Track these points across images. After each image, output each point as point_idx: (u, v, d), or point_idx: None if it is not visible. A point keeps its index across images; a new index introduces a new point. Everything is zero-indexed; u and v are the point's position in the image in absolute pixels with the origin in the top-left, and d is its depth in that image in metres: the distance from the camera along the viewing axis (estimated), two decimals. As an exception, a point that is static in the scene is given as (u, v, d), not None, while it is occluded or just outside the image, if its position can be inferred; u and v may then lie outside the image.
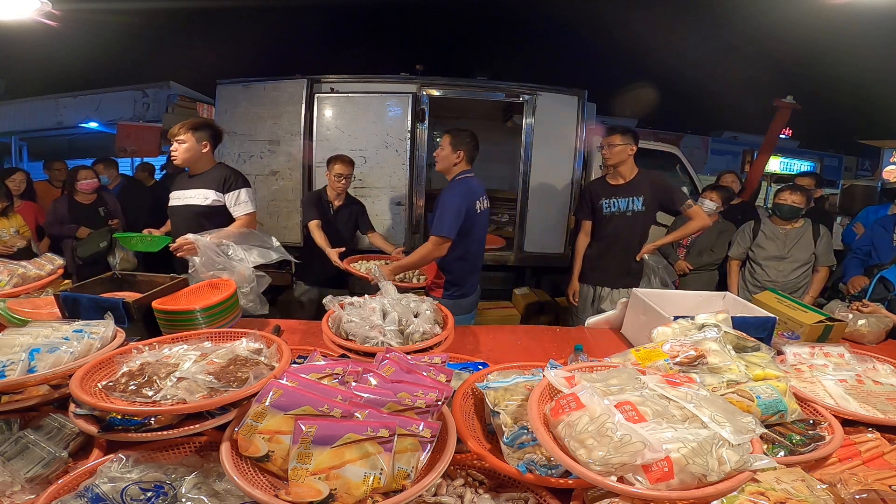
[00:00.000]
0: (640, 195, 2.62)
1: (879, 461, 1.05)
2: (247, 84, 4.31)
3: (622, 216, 2.67)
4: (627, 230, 2.68)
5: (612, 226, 2.71)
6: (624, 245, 2.70)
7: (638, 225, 2.67)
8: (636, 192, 2.64)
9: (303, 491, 0.76)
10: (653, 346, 1.31)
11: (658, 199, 2.64)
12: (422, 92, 4.20)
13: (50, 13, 2.89)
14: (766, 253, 3.02)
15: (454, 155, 2.31)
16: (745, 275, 3.16)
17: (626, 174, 2.67)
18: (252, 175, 4.34)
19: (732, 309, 1.87)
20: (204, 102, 7.21)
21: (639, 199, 2.63)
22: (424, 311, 1.52)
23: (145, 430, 0.96)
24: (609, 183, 2.73)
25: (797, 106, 5.04)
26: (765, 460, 0.80)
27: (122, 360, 1.14)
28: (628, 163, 2.65)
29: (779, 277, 2.98)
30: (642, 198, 2.62)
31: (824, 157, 12.47)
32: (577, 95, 4.30)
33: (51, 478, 0.92)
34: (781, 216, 2.98)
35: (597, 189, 2.79)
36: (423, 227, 4.51)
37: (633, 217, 2.65)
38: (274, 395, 0.86)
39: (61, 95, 8.38)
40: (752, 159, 6.41)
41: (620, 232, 2.69)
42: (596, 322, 2.06)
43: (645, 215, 2.65)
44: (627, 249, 2.71)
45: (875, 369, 1.43)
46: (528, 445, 0.93)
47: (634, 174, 2.66)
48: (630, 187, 2.65)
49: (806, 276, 2.99)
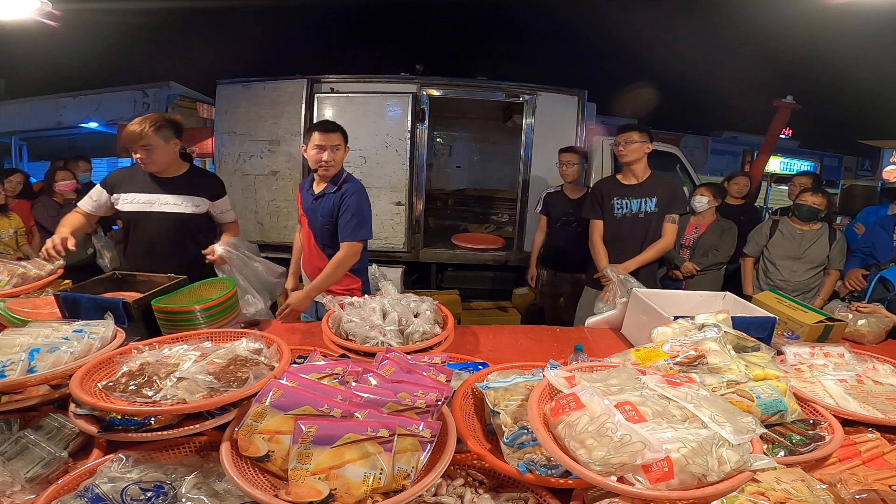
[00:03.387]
0: (654, 196, 2.54)
1: (879, 461, 1.05)
2: (247, 84, 4.32)
3: (634, 218, 2.57)
4: (641, 232, 2.57)
5: (625, 228, 2.59)
6: (637, 249, 2.57)
7: (651, 226, 2.56)
8: (650, 192, 2.55)
9: (303, 491, 0.76)
10: (653, 346, 1.31)
11: (667, 201, 2.55)
12: (422, 92, 4.20)
13: (50, 13, 2.90)
14: (781, 252, 3.03)
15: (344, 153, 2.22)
16: (757, 273, 3.18)
17: (639, 174, 2.57)
18: (252, 175, 4.37)
19: (732, 309, 1.87)
20: (204, 102, 7.21)
21: (652, 201, 2.54)
22: (424, 311, 1.52)
23: (145, 430, 0.96)
24: (621, 182, 2.63)
25: (797, 106, 5.04)
26: (765, 460, 0.80)
27: (122, 360, 1.14)
28: (643, 162, 2.56)
29: (792, 277, 3.00)
30: (656, 199, 2.54)
31: (824, 157, 12.46)
32: (577, 95, 4.31)
33: (51, 478, 0.92)
34: (801, 217, 2.99)
35: (608, 188, 2.66)
36: (424, 226, 4.52)
37: (647, 218, 2.56)
38: (274, 395, 0.86)
39: (61, 95, 8.37)
40: (752, 159, 6.42)
41: (634, 234, 2.58)
42: (596, 322, 2.06)
43: (658, 217, 2.55)
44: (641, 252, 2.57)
45: (875, 369, 1.42)
46: (528, 445, 0.93)
47: (648, 175, 2.58)
48: (643, 188, 2.56)
49: (818, 277, 3.01)
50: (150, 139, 2.00)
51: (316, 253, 2.27)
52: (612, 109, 9.64)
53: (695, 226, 3.43)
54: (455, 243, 4.69)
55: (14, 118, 8.83)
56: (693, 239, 3.40)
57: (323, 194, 2.20)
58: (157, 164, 2.07)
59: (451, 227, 5.40)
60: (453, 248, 4.63)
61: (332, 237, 2.20)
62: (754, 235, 3.19)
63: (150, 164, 2.06)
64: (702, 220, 3.41)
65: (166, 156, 2.08)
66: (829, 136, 12.32)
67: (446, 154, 6.46)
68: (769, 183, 9.04)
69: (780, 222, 3.11)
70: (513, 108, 4.91)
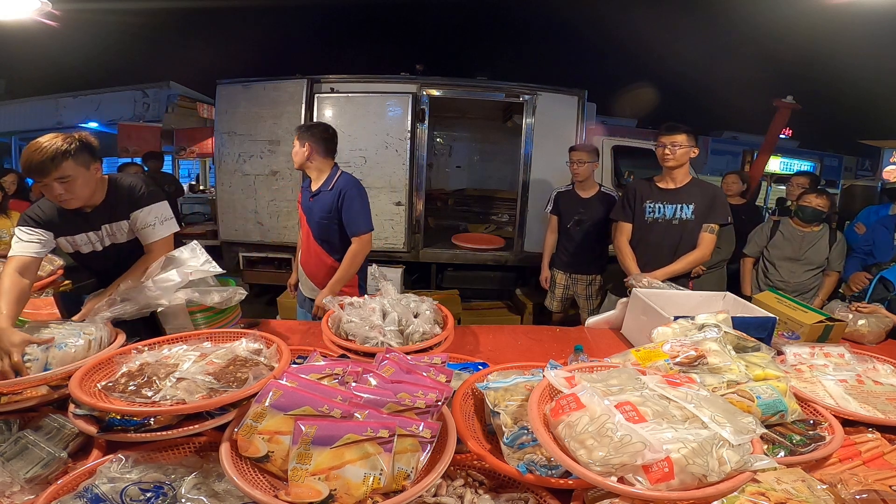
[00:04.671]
0: (692, 202, 2.35)
1: (879, 461, 1.05)
2: (247, 84, 4.32)
3: (667, 224, 2.40)
4: (673, 240, 2.39)
5: (655, 234, 2.42)
6: (667, 257, 2.39)
7: (685, 235, 2.38)
8: (687, 198, 2.36)
9: (302, 491, 0.76)
10: (653, 346, 1.31)
11: (706, 209, 2.36)
12: (422, 92, 4.20)
13: (50, 13, 2.89)
14: (781, 253, 3.03)
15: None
16: (756, 273, 3.18)
17: (678, 178, 2.39)
18: (252, 175, 4.37)
19: (732, 309, 1.87)
20: (204, 102, 7.22)
21: (689, 207, 2.36)
22: (424, 312, 1.52)
23: (145, 431, 0.96)
24: (657, 186, 2.44)
25: (797, 106, 5.04)
26: (765, 460, 0.80)
27: (121, 360, 1.14)
28: (686, 167, 2.38)
29: (791, 278, 3.00)
30: (693, 206, 2.35)
31: (824, 157, 12.46)
32: (577, 95, 4.30)
33: (50, 478, 0.92)
34: (804, 218, 2.97)
35: (642, 190, 2.47)
36: (424, 226, 4.52)
37: (681, 225, 2.37)
38: (274, 395, 0.86)
39: (61, 95, 8.37)
40: (752, 159, 6.41)
41: (665, 241, 2.40)
42: (596, 322, 2.06)
43: (695, 224, 2.36)
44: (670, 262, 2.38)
45: (875, 369, 1.42)
46: (528, 446, 0.93)
47: (688, 180, 2.39)
48: (681, 193, 2.38)
49: (817, 279, 3.01)
50: (64, 170, 1.49)
51: (314, 250, 2.32)
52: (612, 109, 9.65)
53: None
54: (455, 243, 4.69)
55: (14, 118, 8.84)
56: None
57: (318, 192, 2.26)
58: (81, 199, 1.58)
59: (451, 227, 5.39)
60: (453, 248, 4.63)
61: (328, 234, 2.26)
62: (755, 236, 3.19)
63: (71, 200, 1.55)
64: None
65: (89, 187, 1.58)
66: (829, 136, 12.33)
67: (446, 154, 6.46)
68: (769, 183, 9.04)
69: (782, 223, 3.11)
70: (513, 108, 4.91)
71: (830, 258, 2.95)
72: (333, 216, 2.21)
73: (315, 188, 2.29)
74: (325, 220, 2.23)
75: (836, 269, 2.97)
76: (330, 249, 2.27)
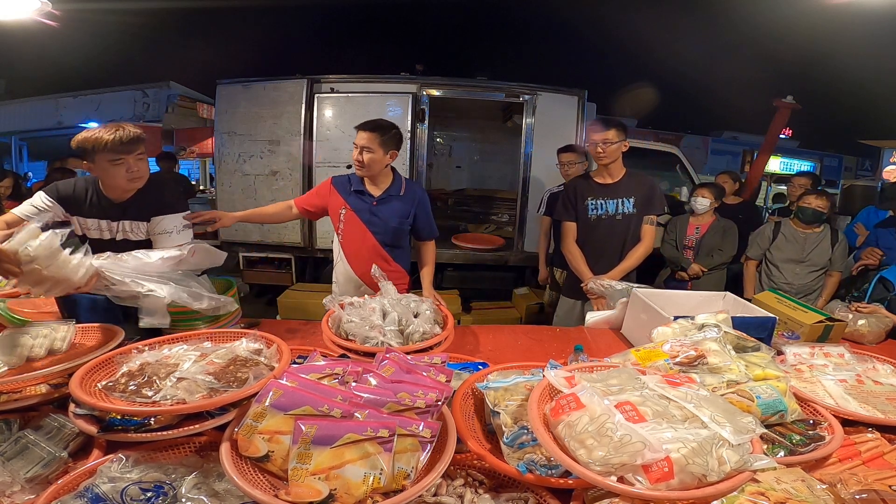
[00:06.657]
0: (631, 196, 2.37)
1: (879, 461, 1.05)
2: (247, 84, 4.32)
3: (611, 220, 2.39)
4: (620, 236, 2.39)
5: (601, 231, 2.41)
6: (616, 254, 2.40)
7: (631, 230, 2.39)
8: (626, 192, 2.37)
9: (303, 491, 0.76)
10: (653, 346, 1.31)
11: (645, 201, 2.38)
12: (422, 92, 4.20)
13: (50, 13, 2.89)
14: (784, 255, 3.03)
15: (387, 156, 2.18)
16: (760, 275, 3.17)
17: (615, 173, 2.39)
18: (252, 175, 4.37)
19: (732, 309, 1.87)
20: (204, 102, 7.22)
21: (629, 201, 2.37)
22: (424, 311, 1.52)
23: (145, 431, 0.95)
24: (596, 181, 2.43)
25: (797, 106, 5.04)
26: (765, 460, 0.80)
27: (121, 360, 1.14)
28: (619, 160, 2.38)
29: (795, 280, 2.99)
30: (633, 199, 2.36)
31: (824, 157, 12.48)
32: (577, 95, 4.30)
33: (50, 478, 0.92)
34: (804, 219, 2.97)
35: (581, 188, 2.46)
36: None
37: (625, 220, 2.38)
38: (274, 395, 0.86)
39: (61, 95, 8.39)
40: (752, 159, 6.41)
41: (612, 238, 2.40)
42: (596, 322, 2.06)
43: (637, 218, 2.38)
44: (620, 258, 2.39)
45: (875, 369, 1.42)
46: (528, 445, 0.93)
47: (623, 173, 2.40)
48: (619, 187, 2.38)
49: (820, 280, 3.00)
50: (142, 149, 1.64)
51: (377, 253, 2.18)
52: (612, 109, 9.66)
53: (696, 226, 3.42)
54: (455, 243, 4.69)
55: (14, 118, 8.85)
56: (695, 240, 3.39)
57: (386, 197, 2.17)
58: (143, 180, 1.68)
59: (451, 227, 5.39)
60: (453, 248, 4.63)
61: (400, 238, 2.24)
62: (756, 238, 3.18)
63: (141, 178, 1.67)
64: (702, 221, 3.41)
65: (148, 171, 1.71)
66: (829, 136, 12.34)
67: (446, 154, 6.46)
68: (769, 183, 9.05)
69: (783, 224, 3.10)
70: (513, 108, 4.91)
71: (833, 259, 2.95)
72: (409, 221, 2.19)
73: (379, 193, 2.16)
74: (403, 225, 2.18)
75: (838, 270, 2.97)
76: (396, 255, 2.21)
